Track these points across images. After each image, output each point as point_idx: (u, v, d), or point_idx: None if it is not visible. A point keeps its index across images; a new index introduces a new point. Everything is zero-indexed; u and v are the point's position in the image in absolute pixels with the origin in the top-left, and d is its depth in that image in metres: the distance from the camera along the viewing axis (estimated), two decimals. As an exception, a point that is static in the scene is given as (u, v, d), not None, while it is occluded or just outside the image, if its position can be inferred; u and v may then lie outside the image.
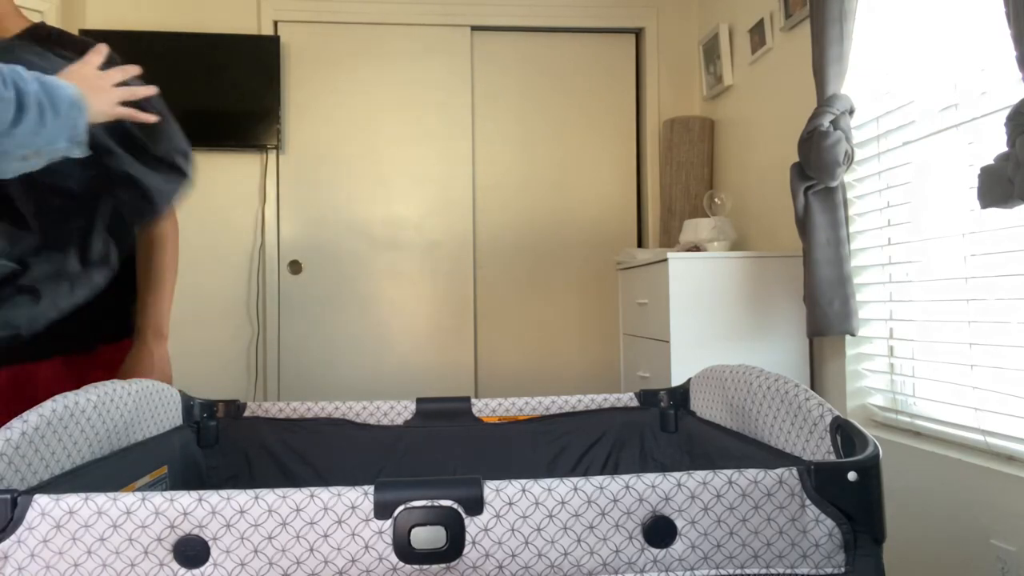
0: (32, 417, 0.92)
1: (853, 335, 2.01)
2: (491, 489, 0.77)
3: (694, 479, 0.78)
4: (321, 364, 3.20)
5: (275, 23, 3.22)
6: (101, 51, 1.18)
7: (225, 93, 3.05)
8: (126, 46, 3.02)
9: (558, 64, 3.38)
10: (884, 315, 2.04)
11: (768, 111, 2.66)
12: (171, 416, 1.25)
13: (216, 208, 3.18)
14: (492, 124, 3.34)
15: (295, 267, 3.20)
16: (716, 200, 2.78)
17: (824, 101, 2.00)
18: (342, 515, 0.75)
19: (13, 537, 0.73)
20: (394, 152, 3.27)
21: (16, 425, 0.89)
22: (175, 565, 0.74)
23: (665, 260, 2.25)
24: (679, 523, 0.78)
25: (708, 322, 2.24)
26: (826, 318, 1.98)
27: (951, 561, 1.68)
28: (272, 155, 3.19)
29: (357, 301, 3.22)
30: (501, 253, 3.32)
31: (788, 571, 0.79)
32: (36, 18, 1.33)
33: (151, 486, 1.16)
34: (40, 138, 1.01)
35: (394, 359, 3.23)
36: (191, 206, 3.17)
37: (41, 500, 0.74)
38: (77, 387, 1.45)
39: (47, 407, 0.95)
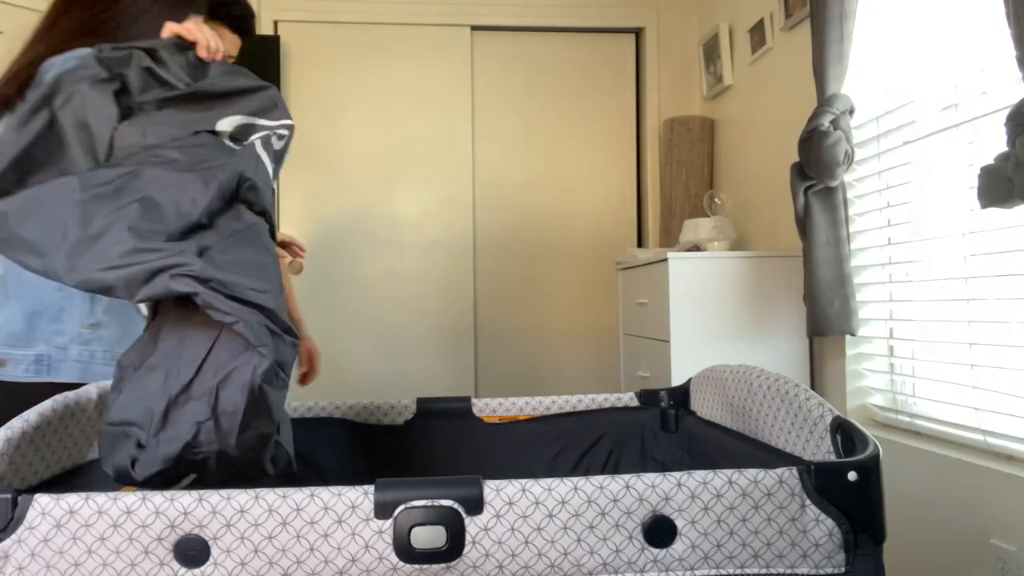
0: (32, 416, 0.92)
1: (853, 335, 2.01)
2: (491, 489, 0.77)
3: (694, 479, 0.78)
4: (321, 364, 3.20)
5: (275, 23, 3.21)
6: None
7: (225, 93, 3.05)
8: (126, 46, 3.02)
9: (558, 64, 3.38)
10: (884, 315, 2.04)
11: (768, 111, 2.66)
12: (171, 416, 1.25)
13: (216, 208, 3.17)
14: (492, 124, 3.34)
15: (295, 266, 3.20)
16: (716, 200, 2.78)
17: (824, 101, 2.00)
18: (342, 515, 0.75)
19: (13, 536, 0.73)
20: (394, 152, 3.26)
21: (16, 424, 0.89)
22: (175, 565, 0.74)
23: (665, 260, 2.25)
24: (679, 523, 0.78)
25: (708, 322, 2.23)
26: (826, 318, 1.98)
27: (951, 561, 1.68)
28: (272, 155, 3.19)
29: (357, 301, 3.22)
30: (501, 253, 3.32)
31: (788, 571, 0.78)
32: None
33: (151, 486, 1.16)
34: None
35: (394, 359, 3.23)
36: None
37: (41, 499, 0.74)
38: None
39: (47, 406, 0.95)
